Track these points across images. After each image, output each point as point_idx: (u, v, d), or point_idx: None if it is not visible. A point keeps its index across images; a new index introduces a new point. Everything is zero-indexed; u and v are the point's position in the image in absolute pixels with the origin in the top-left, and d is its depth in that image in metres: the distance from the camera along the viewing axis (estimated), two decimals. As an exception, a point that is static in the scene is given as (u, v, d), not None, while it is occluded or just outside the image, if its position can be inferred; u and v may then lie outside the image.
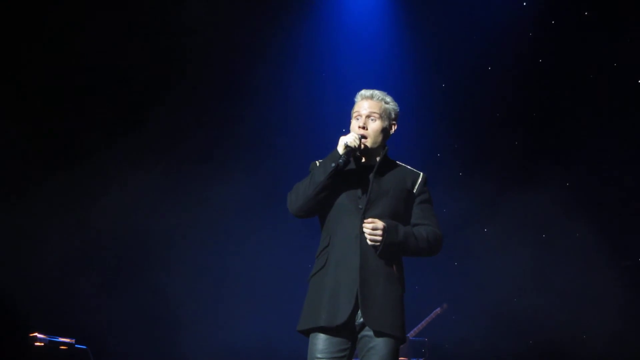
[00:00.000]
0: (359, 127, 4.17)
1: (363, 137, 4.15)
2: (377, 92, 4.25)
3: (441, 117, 9.17)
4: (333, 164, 4.01)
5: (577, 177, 8.69)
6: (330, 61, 9.27)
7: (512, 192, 8.88)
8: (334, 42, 9.31)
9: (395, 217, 4.09)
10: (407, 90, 8.54)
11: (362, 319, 3.95)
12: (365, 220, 4.01)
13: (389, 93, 4.29)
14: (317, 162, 4.20)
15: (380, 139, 4.20)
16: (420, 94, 8.90)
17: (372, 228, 3.98)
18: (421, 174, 4.27)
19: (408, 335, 8.18)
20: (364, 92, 4.27)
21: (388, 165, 4.23)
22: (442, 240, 4.20)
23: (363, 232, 4.01)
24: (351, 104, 4.31)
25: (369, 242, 3.99)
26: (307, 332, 4.05)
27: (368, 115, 4.19)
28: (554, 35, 8.77)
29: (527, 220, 8.77)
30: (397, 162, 4.30)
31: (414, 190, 4.21)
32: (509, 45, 8.90)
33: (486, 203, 8.96)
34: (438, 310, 8.45)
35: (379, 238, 3.97)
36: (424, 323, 8.34)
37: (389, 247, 4.00)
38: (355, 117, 4.23)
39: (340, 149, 4.06)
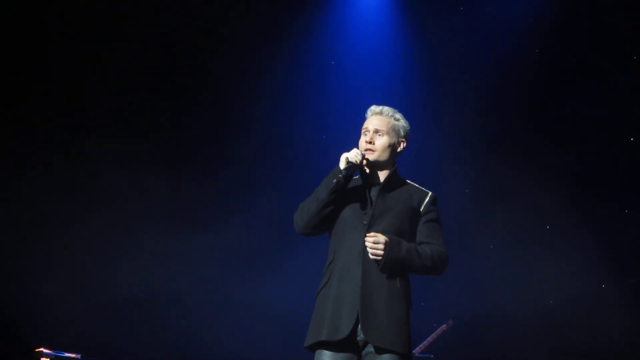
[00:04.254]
0: (366, 141, 4.19)
1: (370, 150, 4.16)
2: (386, 109, 4.26)
3: (447, 121, 9.15)
4: (334, 180, 4.03)
5: (588, 188, 8.69)
6: (338, 69, 9.29)
7: (517, 206, 8.88)
8: (340, 48, 9.32)
9: (400, 234, 4.08)
10: (415, 97, 8.59)
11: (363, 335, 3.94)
12: (367, 234, 4.01)
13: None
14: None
15: (387, 154, 4.21)
16: (429, 100, 8.89)
17: (374, 242, 3.97)
18: (430, 192, 4.27)
19: (414, 352, 8.14)
20: (373, 107, 4.29)
21: (396, 182, 4.23)
22: (447, 260, 4.18)
23: (366, 248, 4.00)
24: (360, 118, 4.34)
25: (370, 257, 3.99)
26: (313, 349, 4.04)
27: (376, 130, 4.20)
28: (564, 41, 8.78)
29: (534, 233, 8.76)
30: (407, 180, 4.31)
31: (421, 209, 4.21)
32: (518, 47, 8.89)
33: (491, 217, 8.95)
34: (444, 326, 8.40)
35: (381, 252, 3.96)
36: (429, 339, 8.30)
37: (391, 263, 3.99)
38: (364, 132, 4.24)
39: (342, 164, 4.07)
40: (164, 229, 8.53)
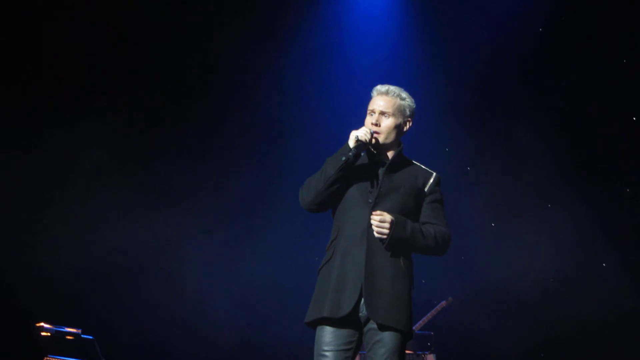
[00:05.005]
0: (372, 123, 4.16)
1: (376, 132, 4.14)
2: (392, 88, 4.22)
3: (452, 110, 9.13)
4: (343, 158, 4.01)
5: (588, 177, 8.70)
6: (340, 55, 9.24)
7: (519, 189, 8.89)
8: (342, 37, 9.28)
9: (405, 213, 4.07)
10: (417, 84, 8.55)
11: (366, 312, 3.95)
12: (373, 212, 4.01)
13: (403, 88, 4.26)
14: (329, 158, 4.18)
15: (393, 135, 4.18)
16: (432, 89, 8.86)
17: (380, 220, 3.97)
18: (434, 173, 4.26)
19: (414, 328, 8.17)
20: (379, 87, 4.24)
21: (401, 162, 4.22)
22: (450, 241, 4.18)
23: (371, 226, 4.00)
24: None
25: (376, 235, 3.99)
26: (314, 325, 4.05)
27: (382, 112, 4.17)
28: (565, 30, 8.75)
29: (532, 214, 8.77)
30: (412, 160, 4.29)
31: (425, 189, 4.20)
32: (519, 39, 8.87)
33: (494, 197, 8.96)
34: (443, 303, 8.44)
35: (386, 231, 3.96)
36: (429, 316, 8.34)
37: (396, 242, 3.99)
38: (370, 113, 4.21)
39: (351, 142, 4.05)
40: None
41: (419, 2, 9.29)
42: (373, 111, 4.19)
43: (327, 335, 3.97)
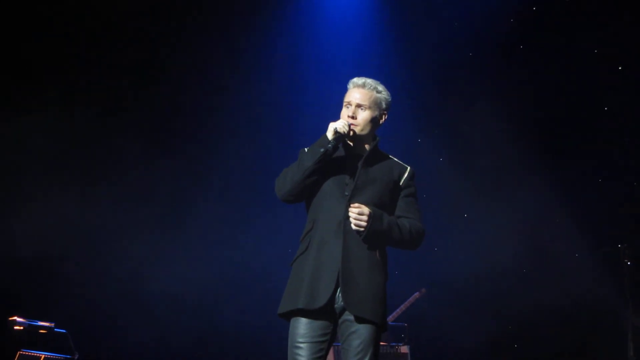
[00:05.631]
0: (348, 116, 4.18)
1: (352, 125, 4.16)
2: (369, 81, 4.24)
3: (422, 105, 9.19)
4: (322, 149, 4.04)
5: (562, 172, 8.78)
6: (312, 50, 9.26)
7: (493, 181, 8.96)
8: (315, 31, 9.30)
9: (380, 206, 4.11)
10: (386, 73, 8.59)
11: (342, 303, 3.97)
12: (351, 205, 4.03)
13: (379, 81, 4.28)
14: (305, 149, 4.21)
15: (369, 128, 4.21)
16: (402, 81, 8.90)
17: (358, 213, 4.00)
18: (408, 167, 4.29)
19: (387, 319, 8.21)
20: (356, 80, 4.26)
21: (377, 155, 4.25)
22: (424, 234, 4.23)
23: (347, 218, 4.03)
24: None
25: (353, 227, 4.01)
26: (288, 317, 4.06)
27: (358, 104, 4.19)
28: (537, 23, 8.82)
29: (508, 206, 8.85)
30: (387, 154, 4.32)
31: (400, 183, 4.24)
32: (492, 33, 8.93)
33: (467, 189, 9.03)
34: (417, 294, 8.49)
35: (364, 224, 3.99)
36: (402, 307, 8.38)
37: (373, 234, 4.02)
38: (346, 105, 4.23)
39: (330, 134, 4.08)
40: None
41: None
42: (349, 103, 4.21)
43: (302, 327, 3.98)
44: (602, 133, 8.58)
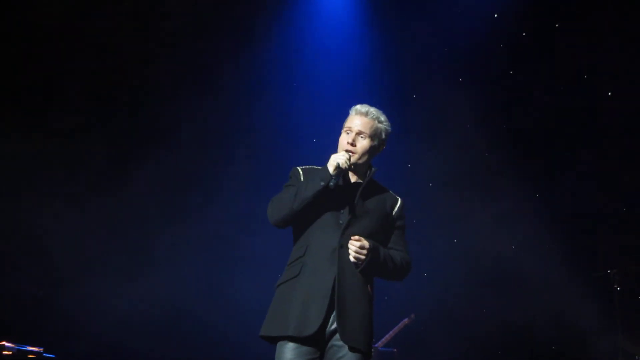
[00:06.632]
0: (348, 142, 4.19)
1: (351, 152, 4.16)
2: (372, 110, 4.25)
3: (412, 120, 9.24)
4: (322, 183, 4.03)
5: (550, 191, 8.82)
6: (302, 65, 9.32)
7: (477, 204, 9.00)
8: (305, 43, 9.36)
9: (373, 237, 4.13)
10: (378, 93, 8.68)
11: (331, 328, 3.97)
12: (352, 237, 4.05)
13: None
14: (298, 168, 4.24)
15: (366, 157, 4.22)
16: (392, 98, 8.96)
17: (360, 247, 4.03)
18: (399, 199, 4.33)
19: (376, 345, 8.22)
20: (359, 107, 4.26)
21: (373, 186, 4.27)
22: (410, 267, 4.27)
23: (342, 246, 4.04)
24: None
25: (352, 259, 4.03)
26: (273, 339, 4.05)
27: (359, 132, 4.20)
28: (527, 42, 8.89)
29: (493, 230, 8.89)
30: (381, 184, 4.35)
31: (393, 214, 4.27)
32: (480, 46, 9.00)
33: (451, 215, 9.07)
34: (406, 320, 8.49)
35: (363, 257, 4.03)
36: (391, 333, 8.38)
37: (369, 266, 4.06)
38: (346, 131, 4.23)
39: (331, 168, 4.04)
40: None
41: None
42: (350, 129, 4.21)
43: (289, 352, 3.97)
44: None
